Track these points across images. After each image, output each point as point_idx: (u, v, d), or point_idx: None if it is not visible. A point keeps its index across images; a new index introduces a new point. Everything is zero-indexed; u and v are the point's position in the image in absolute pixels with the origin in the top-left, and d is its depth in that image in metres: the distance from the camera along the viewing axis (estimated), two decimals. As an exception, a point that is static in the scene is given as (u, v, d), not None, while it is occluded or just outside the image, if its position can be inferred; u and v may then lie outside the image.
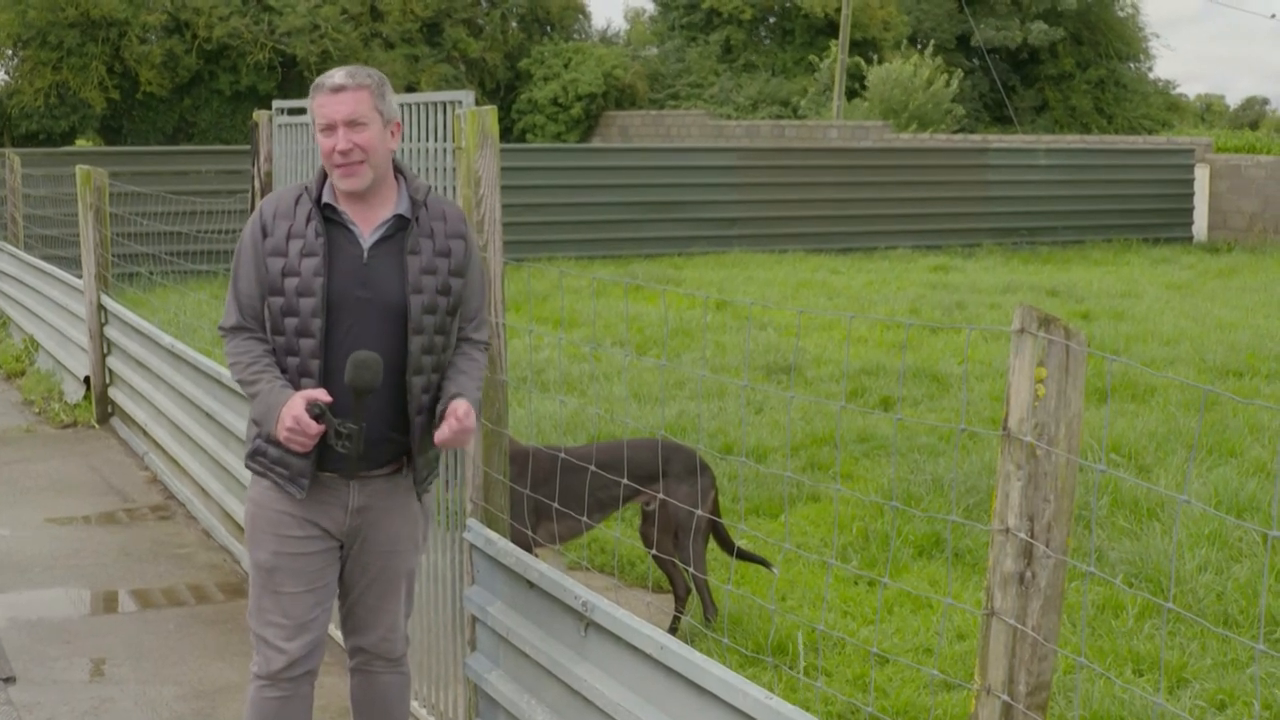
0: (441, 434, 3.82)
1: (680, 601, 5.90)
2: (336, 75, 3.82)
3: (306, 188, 3.91)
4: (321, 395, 3.73)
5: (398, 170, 3.96)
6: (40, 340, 12.12)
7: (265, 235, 3.84)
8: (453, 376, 3.96)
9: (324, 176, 3.89)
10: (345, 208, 3.86)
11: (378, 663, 4.20)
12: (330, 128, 3.78)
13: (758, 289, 16.54)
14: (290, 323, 3.80)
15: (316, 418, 3.71)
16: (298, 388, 3.79)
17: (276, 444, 3.84)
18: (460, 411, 3.81)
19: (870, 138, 27.95)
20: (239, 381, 3.90)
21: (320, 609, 3.98)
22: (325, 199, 3.85)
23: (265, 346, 3.87)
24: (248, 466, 4.00)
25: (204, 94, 34.70)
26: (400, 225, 3.88)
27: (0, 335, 13.60)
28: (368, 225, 3.87)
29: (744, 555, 6.13)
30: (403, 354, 3.84)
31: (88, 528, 7.79)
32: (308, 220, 3.83)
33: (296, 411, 3.70)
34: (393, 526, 4.02)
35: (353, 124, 3.77)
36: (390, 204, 3.90)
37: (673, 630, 5.74)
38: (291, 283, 3.79)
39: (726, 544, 6.08)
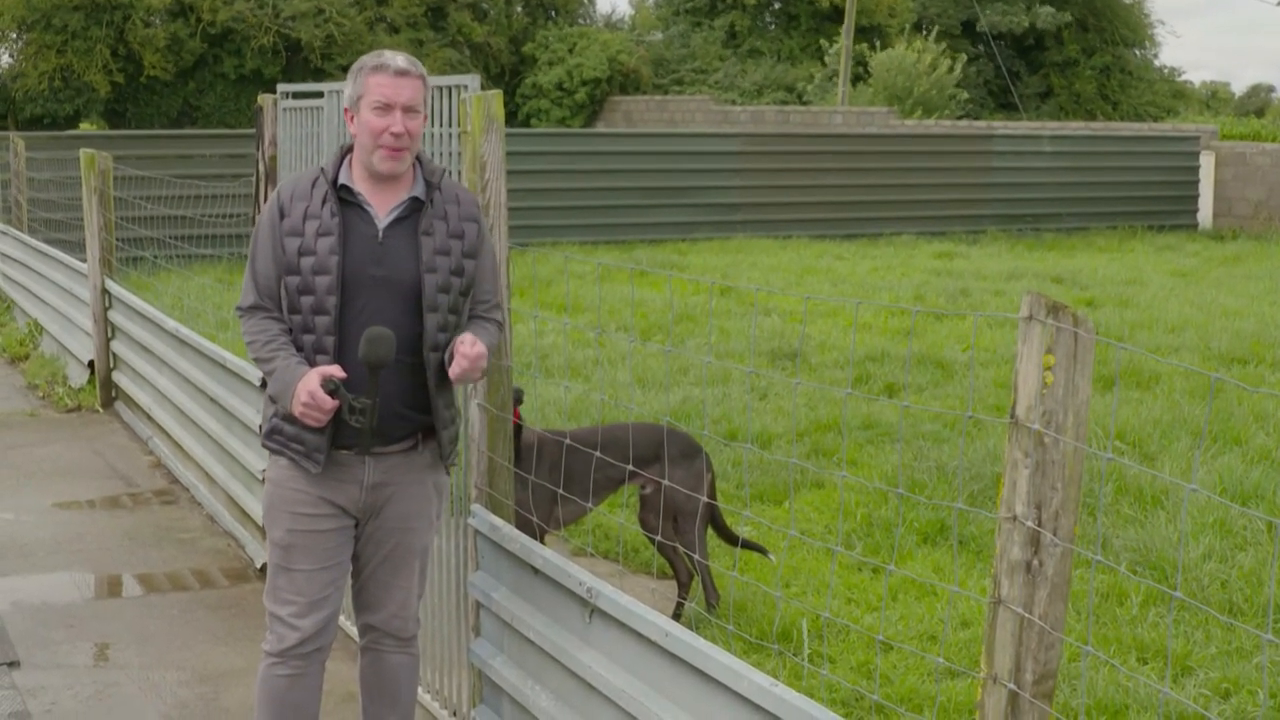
0: (454, 370, 3.86)
1: (683, 588, 5.90)
2: (399, 59, 3.90)
3: (323, 169, 3.98)
4: (336, 371, 3.80)
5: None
6: (44, 324, 12.12)
7: (283, 216, 3.91)
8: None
9: (340, 158, 3.96)
10: (361, 189, 3.93)
11: (387, 641, 4.23)
12: (388, 108, 3.84)
13: (762, 275, 16.52)
14: (306, 301, 3.87)
15: (331, 393, 3.78)
16: (314, 365, 3.85)
17: (292, 421, 3.90)
18: (466, 344, 3.83)
19: (875, 124, 27.89)
20: (255, 360, 3.97)
21: (334, 587, 4.04)
22: (341, 180, 3.92)
23: (281, 325, 3.93)
24: (264, 445, 4.06)
25: (208, 78, 34.66)
26: (415, 207, 3.96)
27: (4, 319, 13.60)
28: (383, 206, 3.94)
29: (745, 544, 6.13)
30: (417, 332, 3.90)
31: (92, 512, 7.79)
32: (323, 201, 3.90)
33: (311, 386, 3.76)
34: (408, 503, 4.07)
35: (409, 110, 3.86)
36: (406, 186, 3.97)
37: (676, 617, 5.74)
38: (308, 261, 3.86)
39: (723, 531, 6.07)
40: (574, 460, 5.32)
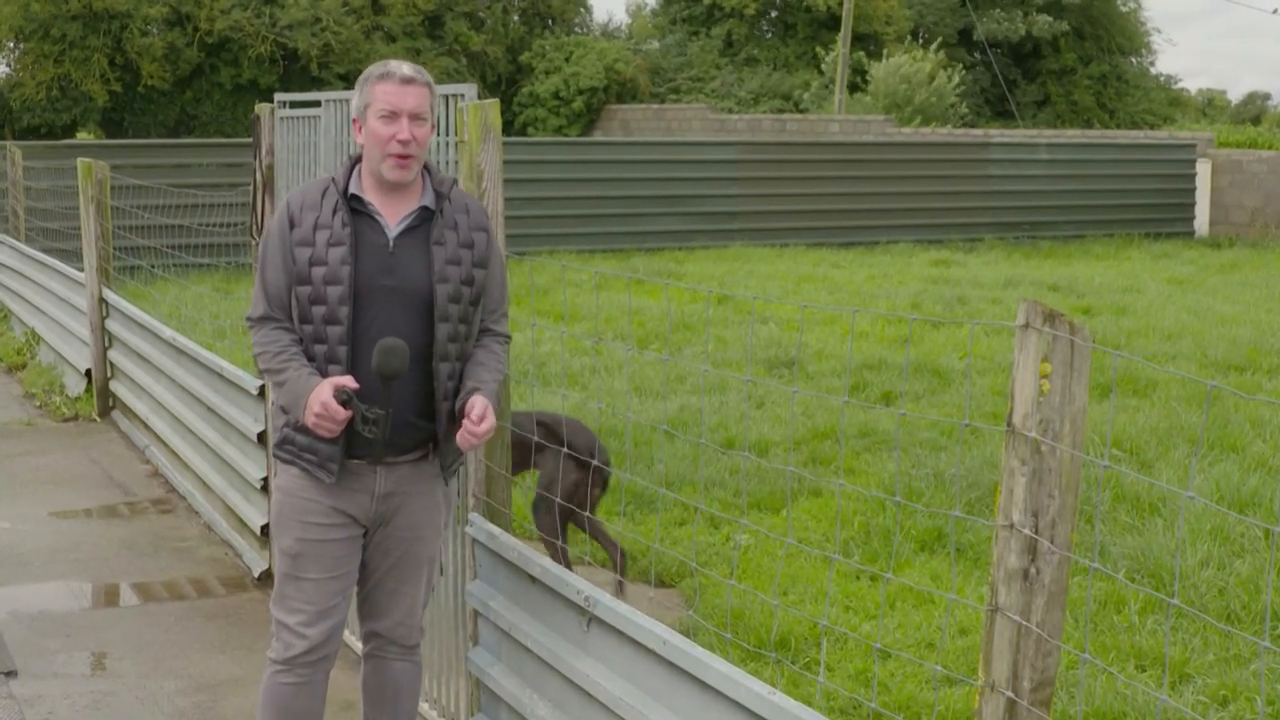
0: (461, 439, 3.89)
1: (617, 567, 6.06)
2: (405, 67, 3.92)
3: (333, 179, 3.98)
4: (349, 382, 3.80)
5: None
6: (41, 333, 12.11)
7: (292, 226, 3.92)
8: (471, 369, 4.02)
9: (350, 169, 3.97)
10: (371, 199, 3.93)
11: (391, 649, 4.24)
12: (394, 116, 3.85)
13: (759, 283, 16.53)
14: (318, 311, 3.87)
15: (344, 404, 3.77)
16: (326, 375, 3.85)
17: (304, 431, 3.90)
18: (475, 416, 3.85)
19: (871, 132, 27.93)
20: (266, 371, 3.96)
21: (342, 596, 4.04)
22: (351, 190, 3.93)
23: (292, 336, 3.93)
24: (275, 455, 4.06)
25: (205, 87, 34.69)
26: (425, 217, 3.96)
27: (1, 328, 13.59)
28: (393, 216, 3.94)
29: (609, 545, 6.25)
30: (428, 342, 3.91)
31: (89, 521, 7.79)
32: (334, 211, 3.90)
33: (324, 397, 3.76)
34: (417, 512, 4.07)
35: (416, 117, 3.87)
36: (415, 196, 3.98)
37: (618, 594, 5.85)
38: (319, 272, 3.86)
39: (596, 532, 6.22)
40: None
